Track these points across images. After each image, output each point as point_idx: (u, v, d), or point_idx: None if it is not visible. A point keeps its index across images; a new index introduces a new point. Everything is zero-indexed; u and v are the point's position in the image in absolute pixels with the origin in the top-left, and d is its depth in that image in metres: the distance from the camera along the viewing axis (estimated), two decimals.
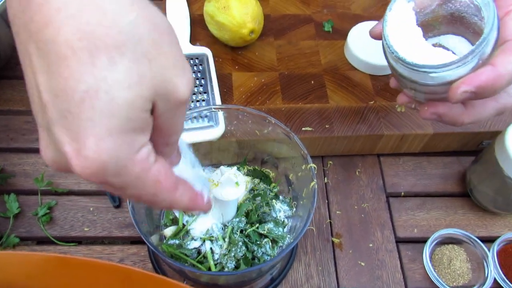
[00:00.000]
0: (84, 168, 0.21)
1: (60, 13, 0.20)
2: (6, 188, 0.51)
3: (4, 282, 0.37)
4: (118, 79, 0.20)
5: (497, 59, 0.32)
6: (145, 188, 0.23)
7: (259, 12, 0.56)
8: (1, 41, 0.55)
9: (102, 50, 0.20)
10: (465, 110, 0.36)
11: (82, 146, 0.21)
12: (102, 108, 0.20)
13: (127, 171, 0.22)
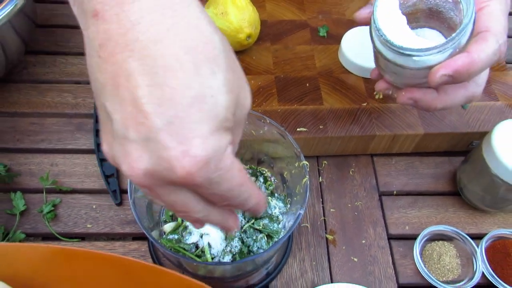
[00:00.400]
0: (192, 167, 0.23)
1: (169, 32, 0.23)
2: (12, 187, 0.53)
3: (12, 273, 0.39)
4: (219, 86, 0.24)
5: (471, 47, 0.36)
6: (234, 179, 0.26)
7: (256, 18, 0.58)
8: (8, 47, 0.57)
9: (204, 62, 0.24)
10: (438, 96, 0.40)
11: (190, 146, 0.23)
12: (208, 111, 0.23)
13: (222, 165, 0.24)
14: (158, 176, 0.24)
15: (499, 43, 0.36)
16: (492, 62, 0.36)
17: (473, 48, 0.35)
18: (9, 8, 0.52)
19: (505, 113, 0.57)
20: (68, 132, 0.58)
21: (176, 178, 0.24)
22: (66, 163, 0.56)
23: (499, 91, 0.59)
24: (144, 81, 0.23)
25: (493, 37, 0.36)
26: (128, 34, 0.23)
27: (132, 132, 0.24)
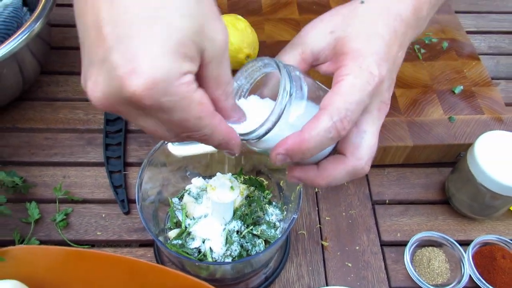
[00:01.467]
0: (138, 86, 0.24)
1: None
2: (27, 197, 0.57)
3: (28, 273, 0.42)
4: (174, 8, 0.24)
5: (305, 125, 0.33)
6: (191, 110, 0.26)
7: (254, 39, 0.63)
8: (26, 68, 0.62)
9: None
10: (318, 172, 0.37)
11: (137, 65, 0.24)
12: (159, 31, 0.24)
13: (175, 90, 0.25)
14: (114, 96, 0.25)
15: (333, 120, 0.32)
16: (328, 139, 0.33)
17: (305, 126, 0.33)
18: (27, 32, 0.57)
19: (490, 126, 0.60)
20: (80, 146, 0.62)
21: (128, 97, 0.24)
22: (78, 175, 0.60)
23: (485, 105, 0.63)
24: (105, 4, 0.24)
25: (327, 114, 0.32)
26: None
27: (93, 55, 0.25)
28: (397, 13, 0.37)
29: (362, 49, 0.35)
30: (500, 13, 0.86)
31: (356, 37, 0.36)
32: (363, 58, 0.34)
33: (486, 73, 0.68)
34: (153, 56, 0.24)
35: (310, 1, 0.77)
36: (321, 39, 0.38)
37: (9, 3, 0.66)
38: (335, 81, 0.34)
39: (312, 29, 0.39)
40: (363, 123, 0.36)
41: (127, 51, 0.24)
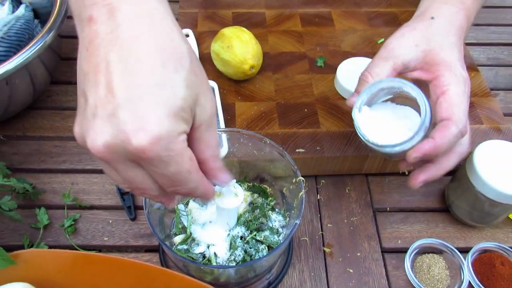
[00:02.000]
0: (144, 140, 0.28)
1: (145, 35, 0.29)
2: (37, 203, 0.58)
3: (38, 276, 0.43)
4: (180, 80, 0.29)
5: (435, 133, 0.44)
6: (183, 164, 0.30)
7: (258, 51, 0.65)
8: (37, 79, 0.64)
9: (170, 60, 0.29)
10: (436, 165, 0.48)
11: (146, 123, 0.28)
12: (166, 98, 0.28)
13: (173, 147, 0.29)
14: (116, 148, 0.28)
15: (459, 128, 0.44)
16: (455, 142, 0.45)
17: (437, 135, 0.43)
18: (39, 44, 0.59)
19: (489, 135, 0.62)
20: (88, 154, 0.63)
21: (131, 150, 0.28)
22: (86, 182, 0.61)
23: (484, 115, 0.64)
24: (118, 69, 0.28)
25: (454, 124, 0.44)
26: (113, 32, 0.29)
27: (100, 110, 0.28)
28: (459, 25, 0.49)
29: (450, 59, 0.46)
30: (499, 26, 0.87)
31: (441, 49, 0.47)
32: (454, 66, 0.46)
33: (485, 84, 0.69)
34: (159, 117, 0.28)
35: (312, 14, 0.79)
36: (408, 52, 0.48)
37: (21, 16, 0.68)
38: (440, 90, 0.45)
39: (398, 44, 0.48)
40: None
41: (137, 110, 0.28)
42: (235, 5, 0.80)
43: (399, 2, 0.83)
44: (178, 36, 0.31)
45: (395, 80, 0.46)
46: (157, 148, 0.28)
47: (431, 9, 0.50)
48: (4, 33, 0.64)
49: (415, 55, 0.48)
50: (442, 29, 0.48)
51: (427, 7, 0.50)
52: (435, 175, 0.48)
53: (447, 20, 0.49)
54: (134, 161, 0.30)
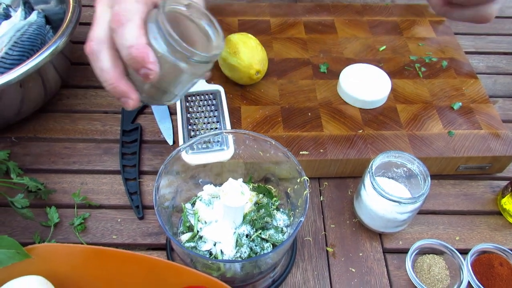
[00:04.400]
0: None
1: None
2: (48, 202, 0.60)
3: (51, 270, 0.45)
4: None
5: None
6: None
7: (264, 56, 0.67)
8: (48, 82, 0.66)
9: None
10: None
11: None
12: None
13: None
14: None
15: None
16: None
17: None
18: (52, 49, 0.61)
19: (487, 140, 0.63)
20: (97, 155, 0.66)
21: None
22: (95, 182, 0.63)
23: (482, 121, 0.66)
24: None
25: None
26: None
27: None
28: None
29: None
30: (498, 35, 0.90)
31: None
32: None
33: (484, 91, 0.71)
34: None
35: (316, 22, 0.82)
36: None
37: (34, 21, 0.71)
38: None
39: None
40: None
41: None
42: (241, 13, 0.82)
43: (400, 11, 0.86)
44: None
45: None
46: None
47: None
48: (18, 38, 0.66)
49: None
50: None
51: None
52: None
53: None
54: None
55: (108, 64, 0.41)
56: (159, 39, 0.40)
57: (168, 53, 0.40)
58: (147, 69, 0.39)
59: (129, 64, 0.40)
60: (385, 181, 0.59)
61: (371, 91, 0.67)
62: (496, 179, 0.66)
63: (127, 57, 0.40)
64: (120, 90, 0.42)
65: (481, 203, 0.63)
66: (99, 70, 0.41)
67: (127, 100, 0.43)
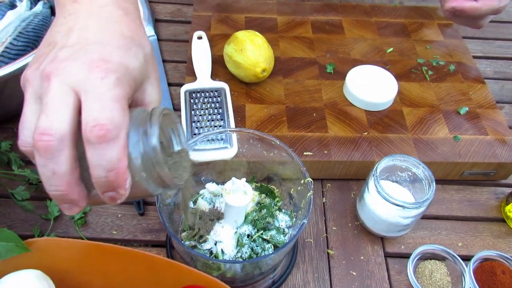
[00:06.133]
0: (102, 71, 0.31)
1: (122, 18, 0.36)
2: (48, 195, 0.59)
3: (51, 264, 0.44)
4: (139, 55, 0.35)
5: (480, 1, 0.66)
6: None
7: (270, 55, 0.66)
8: None
9: (135, 42, 0.35)
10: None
11: (109, 57, 0.32)
12: (128, 57, 0.33)
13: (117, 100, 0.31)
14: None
15: (500, 5, 0.65)
16: (490, 13, 0.67)
17: (481, 2, 0.66)
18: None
19: (493, 146, 0.63)
20: None
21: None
22: None
23: (489, 127, 0.65)
24: (93, 28, 0.34)
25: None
26: (93, 10, 0.35)
27: (69, 48, 0.32)
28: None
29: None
30: (506, 40, 0.89)
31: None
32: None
33: (491, 96, 0.71)
34: (120, 57, 0.34)
35: (323, 21, 0.81)
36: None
37: (39, 12, 0.70)
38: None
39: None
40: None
41: (103, 50, 0.33)
42: (248, 10, 0.81)
43: (409, 13, 0.85)
44: (144, 34, 0.37)
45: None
46: (110, 80, 0.30)
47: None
48: (23, 28, 0.66)
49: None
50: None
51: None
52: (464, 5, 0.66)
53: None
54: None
55: (66, 168, 0.29)
56: (140, 165, 0.32)
57: (146, 180, 0.32)
58: (117, 194, 0.31)
59: (97, 185, 0.31)
60: (389, 184, 0.59)
61: (378, 93, 0.66)
62: (501, 186, 0.65)
63: (100, 179, 0.30)
64: (69, 198, 0.31)
65: (485, 210, 0.62)
66: (50, 173, 0.29)
67: (73, 207, 0.32)
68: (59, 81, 0.30)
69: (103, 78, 0.30)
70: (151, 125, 0.32)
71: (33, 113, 0.31)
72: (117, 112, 0.30)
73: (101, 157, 0.29)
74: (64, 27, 0.34)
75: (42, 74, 0.31)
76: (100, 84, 0.30)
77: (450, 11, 0.68)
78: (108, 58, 0.31)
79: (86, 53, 0.31)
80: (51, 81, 0.30)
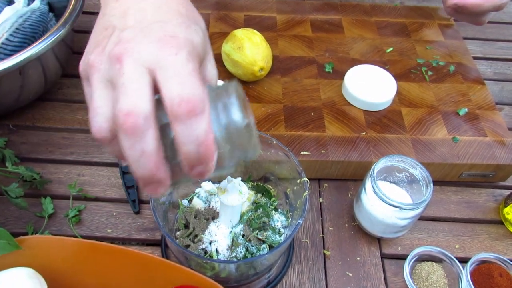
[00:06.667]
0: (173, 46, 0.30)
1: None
2: (43, 192, 0.59)
3: (43, 262, 0.44)
4: (199, 30, 0.34)
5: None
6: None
7: (269, 53, 0.66)
8: (49, 71, 0.65)
9: (191, 19, 0.34)
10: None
11: (176, 34, 0.31)
12: (190, 32, 0.32)
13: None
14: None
15: (502, 1, 0.66)
16: (492, 9, 0.67)
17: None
18: (53, 37, 0.60)
19: (492, 148, 0.62)
20: (95, 147, 0.65)
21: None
22: (92, 174, 0.62)
23: (488, 128, 0.65)
24: (150, 9, 0.33)
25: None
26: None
27: (130, 29, 0.32)
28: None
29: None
30: (507, 41, 0.88)
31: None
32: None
33: (491, 97, 0.70)
34: (187, 33, 0.33)
35: (322, 20, 0.80)
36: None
37: (37, 8, 0.69)
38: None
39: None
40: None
41: (166, 27, 0.32)
42: (247, 8, 0.81)
43: (409, 12, 0.84)
44: (197, 12, 0.36)
45: None
46: (182, 56, 0.30)
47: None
48: (20, 24, 0.65)
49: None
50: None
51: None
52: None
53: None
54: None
55: (153, 147, 0.30)
56: (224, 138, 0.32)
57: (229, 153, 0.33)
58: (205, 168, 0.31)
59: (187, 161, 0.31)
60: (387, 185, 0.58)
61: (376, 93, 0.65)
62: (499, 188, 0.65)
63: (190, 154, 0.30)
64: (157, 177, 0.31)
65: (482, 212, 0.62)
66: (139, 153, 0.29)
67: (158, 188, 0.32)
68: (132, 61, 0.29)
69: (177, 54, 0.30)
70: (229, 97, 0.32)
71: (104, 98, 0.30)
72: (198, 86, 0.30)
73: (191, 132, 0.29)
74: (117, 11, 0.33)
75: (110, 57, 0.30)
76: (174, 60, 0.30)
77: (452, 8, 0.69)
78: (175, 34, 0.31)
79: (151, 31, 0.31)
80: (123, 63, 0.29)
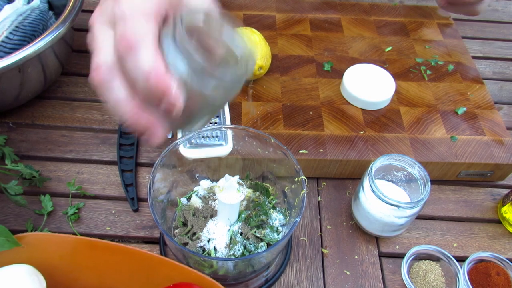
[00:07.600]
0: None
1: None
2: (42, 190, 0.59)
3: (41, 259, 0.44)
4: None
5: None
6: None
7: (267, 52, 0.66)
8: (48, 69, 0.65)
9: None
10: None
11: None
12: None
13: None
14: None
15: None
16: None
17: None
18: (53, 35, 0.60)
19: (491, 147, 0.62)
20: (94, 145, 0.65)
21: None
22: (91, 172, 0.62)
23: (486, 128, 0.65)
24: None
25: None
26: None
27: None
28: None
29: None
30: (506, 41, 0.88)
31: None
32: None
33: (489, 96, 0.70)
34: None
35: (322, 19, 0.80)
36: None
37: (36, 7, 0.70)
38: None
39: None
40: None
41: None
42: (246, 7, 0.81)
43: (408, 12, 0.84)
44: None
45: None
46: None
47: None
48: (19, 22, 0.65)
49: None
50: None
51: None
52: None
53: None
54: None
55: (125, 93, 0.32)
56: (180, 62, 0.31)
57: (192, 78, 0.32)
58: (169, 101, 0.31)
59: (147, 96, 0.31)
60: (385, 184, 0.58)
61: (375, 92, 0.66)
62: (497, 187, 0.65)
63: (145, 87, 0.31)
64: (144, 122, 0.33)
65: (480, 211, 0.62)
66: (114, 101, 0.32)
67: (152, 136, 0.34)
68: (99, 23, 0.34)
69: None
70: (174, 25, 0.32)
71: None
72: (140, 24, 0.31)
73: (135, 64, 0.30)
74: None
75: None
76: (129, 7, 0.32)
77: (445, 0, 0.71)
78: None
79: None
80: (93, 26, 0.34)
